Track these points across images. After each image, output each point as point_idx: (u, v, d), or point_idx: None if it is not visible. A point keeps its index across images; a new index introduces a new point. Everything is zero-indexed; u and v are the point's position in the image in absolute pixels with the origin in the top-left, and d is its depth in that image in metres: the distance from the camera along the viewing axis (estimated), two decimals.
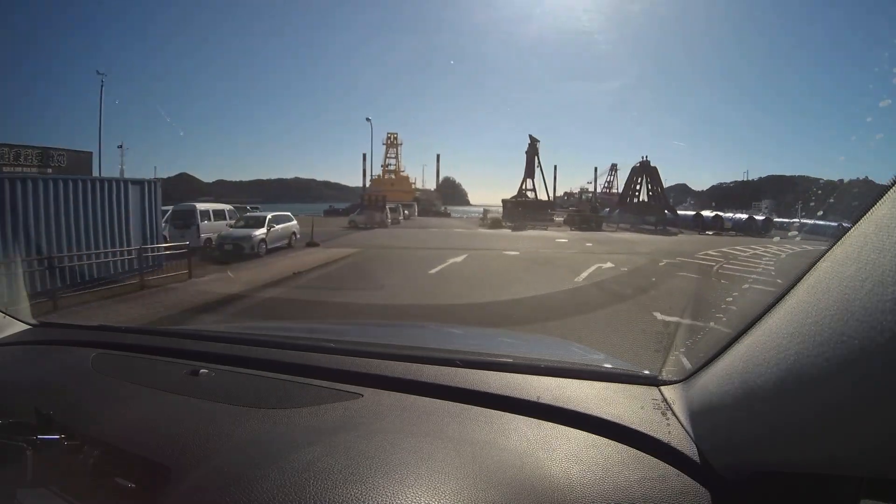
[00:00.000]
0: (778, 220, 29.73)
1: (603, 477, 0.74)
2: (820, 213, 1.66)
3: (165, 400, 1.05)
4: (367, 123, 44.66)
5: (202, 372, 1.15)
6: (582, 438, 0.85)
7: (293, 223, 16.04)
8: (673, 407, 0.91)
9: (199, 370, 1.15)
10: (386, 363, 1.15)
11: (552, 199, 45.71)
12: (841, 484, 0.66)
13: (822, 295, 0.54)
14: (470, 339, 2.13)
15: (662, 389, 0.98)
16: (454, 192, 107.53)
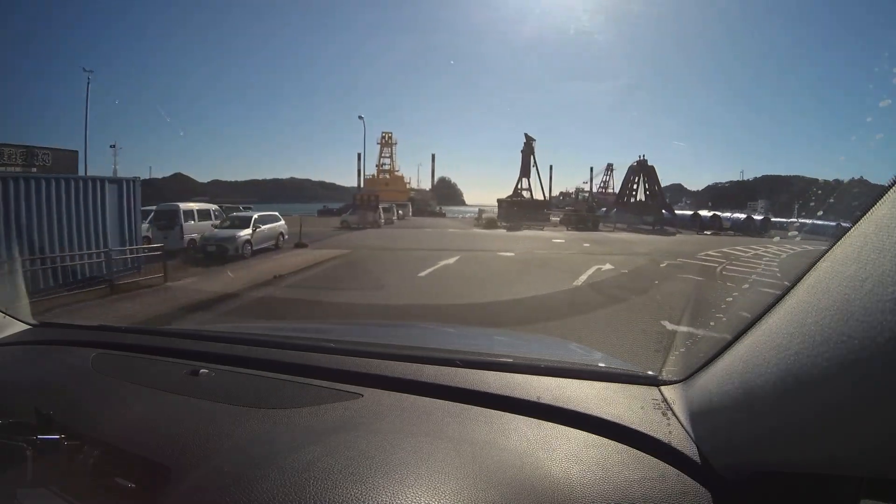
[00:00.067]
0: (775, 219, 29.68)
1: (603, 477, 0.74)
2: (820, 213, 1.66)
3: (165, 400, 1.05)
4: (363, 123, 44.15)
5: (202, 372, 1.14)
6: (582, 438, 0.85)
7: (280, 223, 15.63)
8: (673, 407, 0.90)
9: (199, 370, 1.15)
10: (386, 363, 1.15)
11: (548, 198, 45.44)
12: (841, 484, 0.65)
13: (822, 295, 0.54)
14: (470, 339, 2.12)
15: (662, 389, 0.98)
16: (450, 192, 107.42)
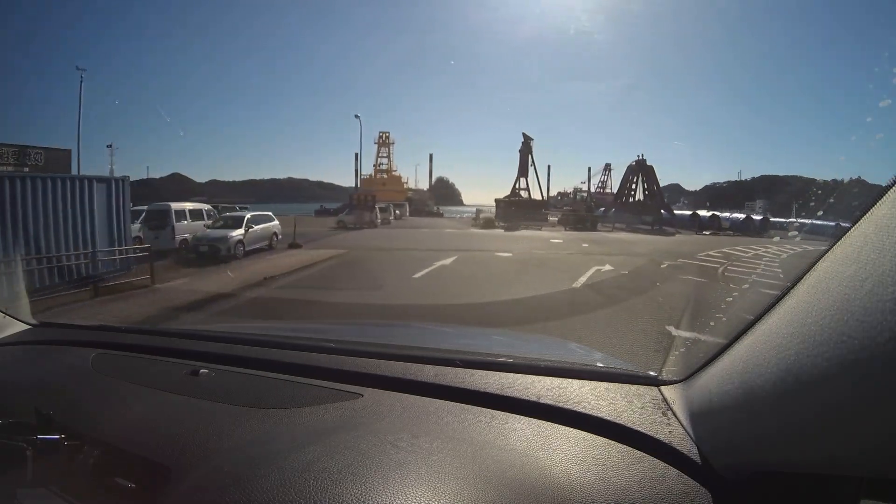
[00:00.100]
0: (774, 219, 29.60)
1: (603, 477, 0.73)
2: (820, 213, 1.65)
3: (165, 400, 1.04)
4: (359, 123, 43.82)
5: (202, 372, 1.14)
6: (582, 438, 0.84)
7: (274, 223, 15.47)
8: (673, 407, 0.90)
9: (199, 370, 1.14)
10: (386, 363, 1.14)
11: (546, 198, 45.20)
12: (841, 484, 0.65)
13: (822, 295, 0.54)
14: (470, 339, 2.12)
15: (662, 389, 0.98)
16: (448, 192, 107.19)
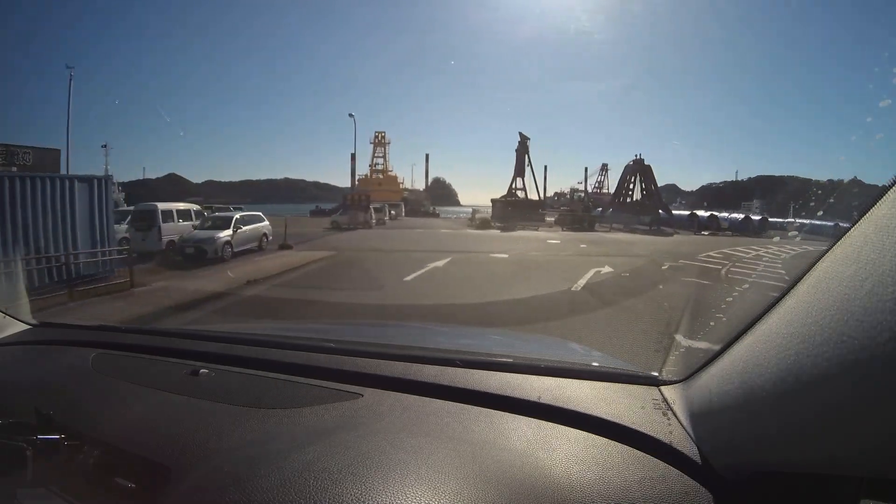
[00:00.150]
0: (772, 220, 29.48)
1: (603, 477, 0.74)
2: (820, 213, 1.60)
3: (165, 400, 1.04)
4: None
5: (202, 372, 1.14)
6: (582, 438, 0.84)
7: (264, 224, 15.19)
8: (673, 407, 0.90)
9: (199, 370, 1.14)
10: (386, 363, 1.14)
11: (542, 199, 44.90)
12: (841, 484, 0.66)
13: (822, 295, 0.54)
14: (470, 338, 2.12)
15: (662, 389, 0.98)
16: (444, 192, 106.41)
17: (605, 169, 65.21)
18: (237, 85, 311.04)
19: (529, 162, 43.27)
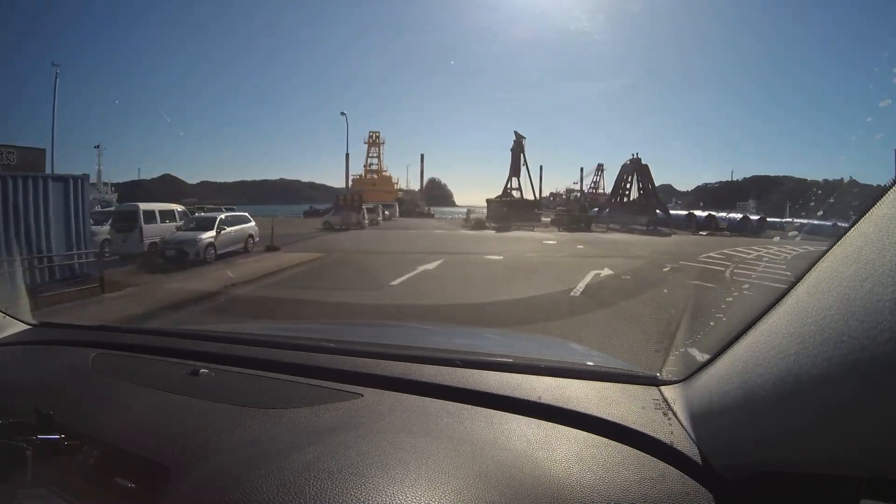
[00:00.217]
0: (771, 219, 29.27)
1: (603, 477, 0.73)
2: (820, 213, 1.63)
3: (165, 400, 1.04)
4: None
5: (202, 372, 1.13)
6: (582, 438, 0.84)
7: (250, 224, 14.78)
8: (673, 407, 0.89)
9: (199, 370, 1.14)
10: (386, 363, 1.14)
11: (538, 199, 44.50)
12: (841, 484, 0.65)
13: (822, 295, 0.54)
14: (470, 338, 2.11)
15: (662, 389, 0.97)
16: (440, 192, 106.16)
17: (600, 169, 65.23)
18: (233, 85, 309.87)
19: (525, 162, 42.92)
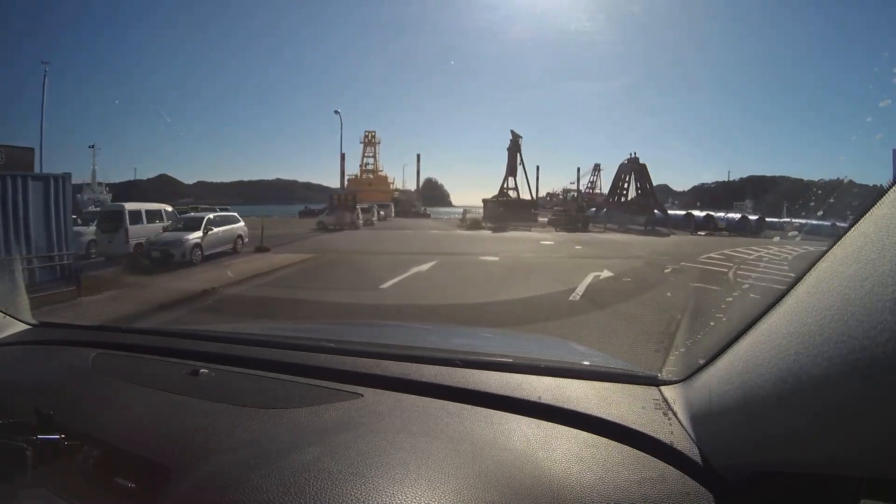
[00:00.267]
0: (769, 219, 29.10)
1: (603, 477, 0.73)
2: (820, 213, 1.59)
3: (165, 400, 1.04)
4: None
5: (202, 372, 1.13)
6: (582, 438, 0.84)
7: (239, 225, 14.46)
8: (673, 407, 0.89)
9: (199, 370, 1.14)
10: (386, 363, 1.14)
11: (535, 198, 44.15)
12: (841, 484, 0.65)
13: (822, 295, 0.54)
14: (470, 338, 2.11)
15: (663, 389, 0.97)
16: (436, 192, 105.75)
17: (597, 169, 65.09)
18: (231, 85, 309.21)
19: (522, 161, 42.40)
